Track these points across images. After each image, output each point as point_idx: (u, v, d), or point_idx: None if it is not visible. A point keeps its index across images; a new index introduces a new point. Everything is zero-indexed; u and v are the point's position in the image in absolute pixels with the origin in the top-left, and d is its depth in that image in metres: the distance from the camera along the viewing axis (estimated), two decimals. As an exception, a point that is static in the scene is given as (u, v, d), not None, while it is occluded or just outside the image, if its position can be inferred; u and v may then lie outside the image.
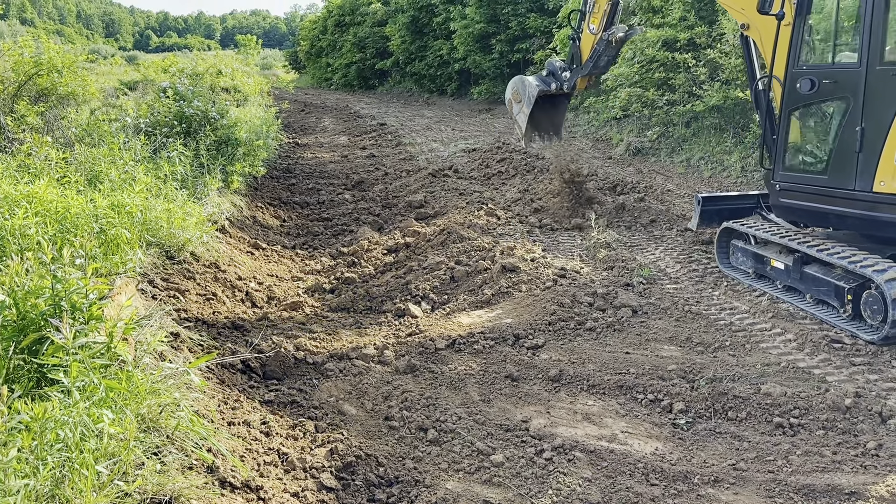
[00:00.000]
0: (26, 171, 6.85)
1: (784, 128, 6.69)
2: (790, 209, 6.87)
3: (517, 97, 9.31)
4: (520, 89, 9.32)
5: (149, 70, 21.69)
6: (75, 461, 2.82)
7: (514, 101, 9.37)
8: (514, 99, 9.37)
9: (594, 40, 8.63)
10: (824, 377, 5.14)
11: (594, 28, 8.56)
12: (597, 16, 8.54)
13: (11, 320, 3.57)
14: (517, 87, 9.40)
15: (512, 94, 9.42)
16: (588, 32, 8.70)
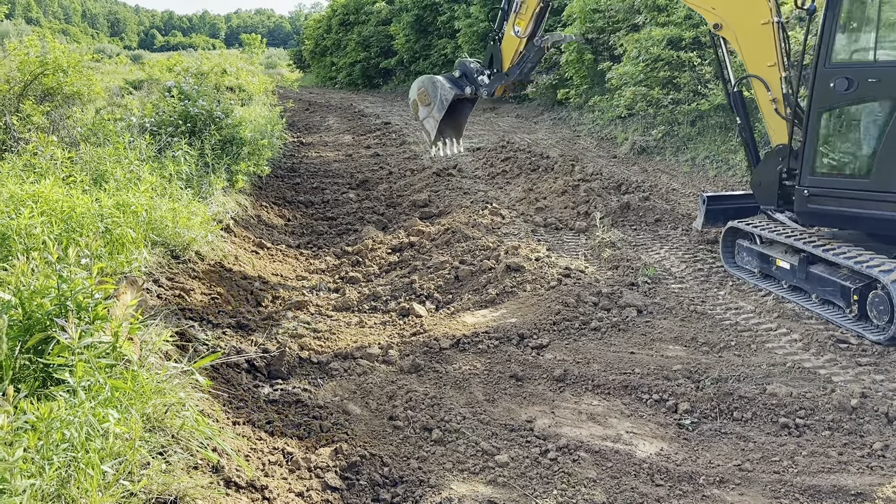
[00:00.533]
0: (32, 170, 6.86)
1: (813, 130, 6.28)
2: (821, 215, 6.46)
3: (425, 99, 8.21)
4: (429, 91, 8.21)
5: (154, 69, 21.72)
6: (81, 461, 2.83)
7: (422, 103, 8.24)
8: (420, 101, 8.26)
9: (519, 44, 7.85)
10: (830, 377, 5.12)
11: (520, 31, 7.72)
12: (524, 17, 7.69)
13: (17, 320, 3.57)
14: (426, 87, 8.26)
15: (418, 94, 8.29)
16: (511, 34, 7.82)
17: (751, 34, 6.52)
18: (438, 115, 8.13)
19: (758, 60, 6.60)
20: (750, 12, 6.46)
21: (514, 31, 7.74)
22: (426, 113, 8.25)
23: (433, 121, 8.19)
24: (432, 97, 8.12)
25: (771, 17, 6.43)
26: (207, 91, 12.33)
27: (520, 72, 8.08)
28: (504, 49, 7.96)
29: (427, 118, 8.26)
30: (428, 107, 8.19)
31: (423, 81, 8.34)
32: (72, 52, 10.95)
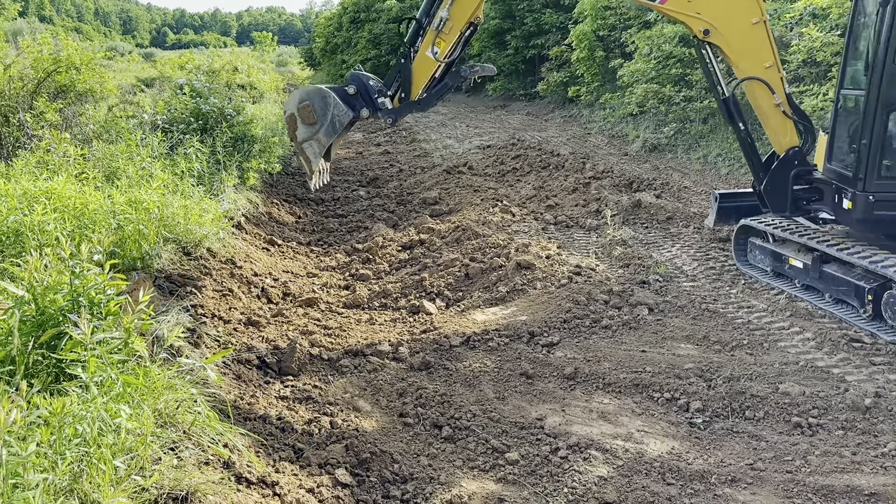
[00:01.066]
0: (45, 167, 6.90)
1: (880, 132, 5.86)
2: (889, 222, 6.04)
3: (309, 116, 6.57)
4: (317, 107, 6.59)
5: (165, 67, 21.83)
6: (93, 456, 2.83)
7: (304, 120, 6.58)
8: (302, 117, 6.59)
9: (436, 68, 6.62)
10: (843, 377, 5.08)
11: (438, 52, 6.49)
12: (447, 38, 6.47)
13: (31, 316, 3.59)
14: (313, 102, 6.61)
15: (300, 109, 6.61)
16: (428, 55, 6.54)
17: (742, 35, 6.20)
18: (326, 139, 6.62)
19: (754, 62, 6.29)
20: (739, 12, 6.14)
21: (431, 51, 6.49)
22: (308, 134, 6.60)
23: (317, 146, 6.62)
24: (320, 116, 6.56)
25: (762, 16, 6.19)
26: (219, 89, 12.37)
27: (432, 101, 6.85)
28: (416, 71, 6.62)
29: (309, 140, 6.61)
30: (312, 126, 6.57)
31: (309, 94, 6.67)
32: (85, 49, 11.00)
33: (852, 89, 6.40)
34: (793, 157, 6.69)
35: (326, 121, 6.51)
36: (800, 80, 11.59)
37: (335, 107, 6.52)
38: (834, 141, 6.57)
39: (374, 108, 6.64)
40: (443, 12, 6.23)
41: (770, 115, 6.57)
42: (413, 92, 6.60)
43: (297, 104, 6.59)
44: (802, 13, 11.84)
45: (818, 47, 10.70)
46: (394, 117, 6.69)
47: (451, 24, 6.33)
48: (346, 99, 6.57)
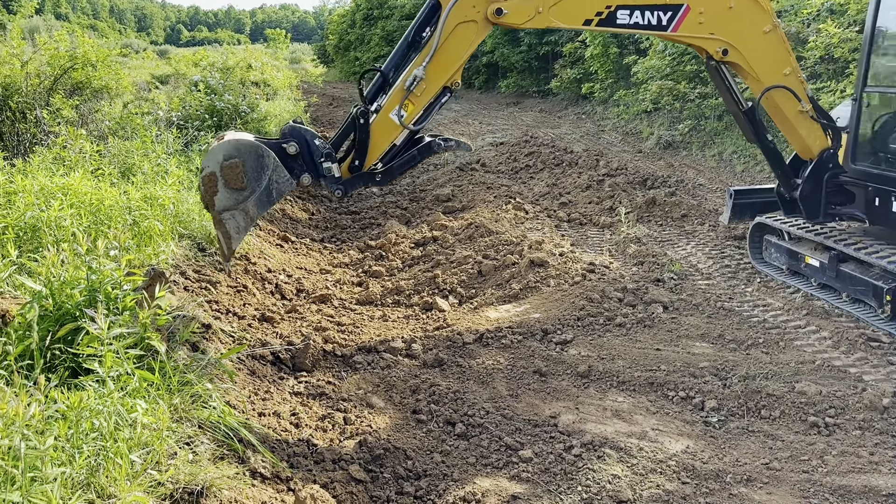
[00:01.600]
0: (61, 163, 6.96)
1: None
2: None
3: (236, 179, 4.94)
4: (250, 169, 4.97)
5: (180, 64, 21.93)
6: (110, 450, 2.86)
7: (230, 183, 4.94)
8: (228, 179, 4.93)
9: (398, 134, 5.43)
10: (861, 376, 5.04)
11: (405, 117, 5.33)
12: (417, 101, 5.35)
13: (48, 310, 3.63)
14: (245, 161, 4.96)
15: (225, 167, 4.92)
16: (391, 118, 5.35)
17: (758, 47, 6.01)
18: (257, 211, 5.05)
19: (773, 71, 6.09)
20: (750, 23, 5.96)
21: (396, 113, 5.34)
22: (231, 201, 4.95)
23: (244, 218, 5.03)
24: (251, 180, 4.97)
25: (773, 22, 6.00)
26: (233, 86, 12.42)
27: (393, 174, 5.62)
28: (374, 135, 5.40)
29: (232, 211, 4.97)
30: (238, 192, 4.94)
31: (239, 149, 4.98)
32: (100, 46, 11.07)
33: (880, 87, 6.31)
34: (827, 160, 6.47)
35: (260, 187, 4.97)
36: (817, 76, 11.48)
37: (275, 171, 5.01)
38: (857, 140, 6.47)
39: (318, 175, 5.31)
40: (418, 70, 5.24)
41: (797, 122, 6.33)
42: (368, 160, 5.42)
43: (222, 161, 4.91)
44: (820, 9, 11.73)
45: (836, 43, 10.60)
46: (343, 189, 5.40)
47: (426, 85, 5.31)
48: (283, 160, 5.14)
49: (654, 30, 5.79)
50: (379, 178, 5.52)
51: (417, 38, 5.43)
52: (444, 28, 5.22)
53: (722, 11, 5.83)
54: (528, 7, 5.40)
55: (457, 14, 5.24)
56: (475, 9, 5.27)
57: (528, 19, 5.44)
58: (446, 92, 5.47)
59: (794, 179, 6.60)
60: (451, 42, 5.30)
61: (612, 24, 5.64)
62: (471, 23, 5.30)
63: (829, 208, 6.58)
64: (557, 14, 5.48)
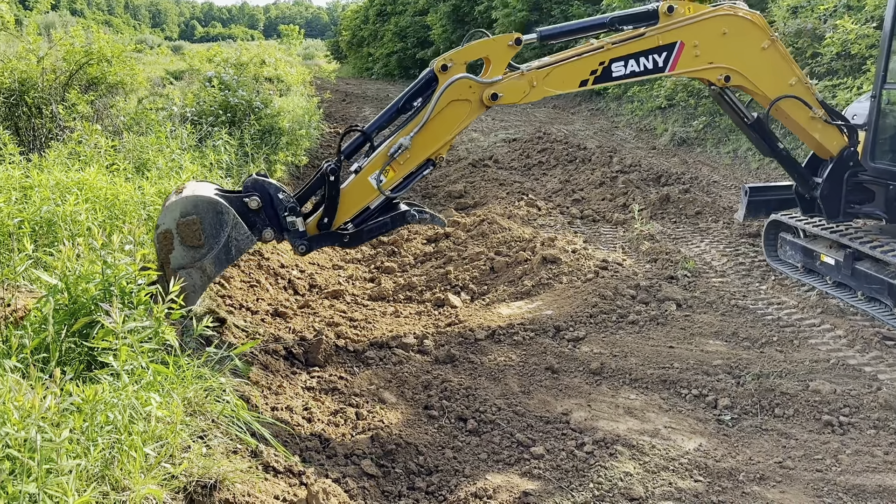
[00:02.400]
0: (77, 158, 7.00)
1: None
2: None
3: (193, 236, 4.71)
4: (208, 226, 4.74)
5: (194, 60, 21.99)
6: (124, 443, 2.88)
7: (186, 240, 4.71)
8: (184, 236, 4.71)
9: (374, 198, 5.37)
10: (876, 375, 4.99)
11: (384, 182, 5.24)
12: (399, 169, 5.30)
13: (64, 304, 3.65)
14: (202, 217, 4.72)
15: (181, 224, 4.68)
16: (370, 181, 5.26)
17: (758, 66, 5.94)
18: (215, 269, 4.81)
19: (777, 85, 6.04)
20: (746, 44, 5.89)
21: (375, 178, 5.24)
22: (188, 259, 4.71)
23: (200, 277, 4.75)
24: (209, 237, 4.74)
25: (769, 37, 5.92)
26: (247, 81, 12.45)
27: (362, 238, 5.48)
28: (349, 195, 5.30)
29: (188, 269, 4.70)
30: (194, 250, 4.71)
31: (197, 206, 4.72)
32: (115, 42, 11.13)
33: None
34: (848, 158, 6.39)
35: (218, 245, 4.73)
36: (833, 73, 11.38)
37: (235, 228, 4.77)
38: (877, 138, 6.40)
39: (281, 229, 5.15)
40: (404, 139, 5.19)
41: (810, 127, 6.28)
42: (338, 219, 5.28)
43: (178, 217, 4.67)
44: (837, 5, 11.62)
45: (853, 39, 10.49)
46: (307, 245, 5.24)
47: (410, 155, 5.25)
48: (245, 215, 4.93)
49: (652, 73, 5.77)
50: (347, 239, 5.39)
51: (408, 105, 5.44)
52: (438, 103, 5.28)
53: (716, 39, 5.78)
54: (522, 85, 5.45)
55: (453, 92, 5.30)
56: (471, 90, 5.33)
57: (523, 96, 5.50)
58: (429, 164, 5.42)
59: (814, 179, 6.54)
60: (442, 117, 5.34)
61: (608, 78, 5.63)
62: (465, 101, 5.36)
63: (849, 207, 6.52)
64: (552, 83, 5.49)
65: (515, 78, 5.43)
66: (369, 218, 5.43)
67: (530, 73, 5.42)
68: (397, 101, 5.48)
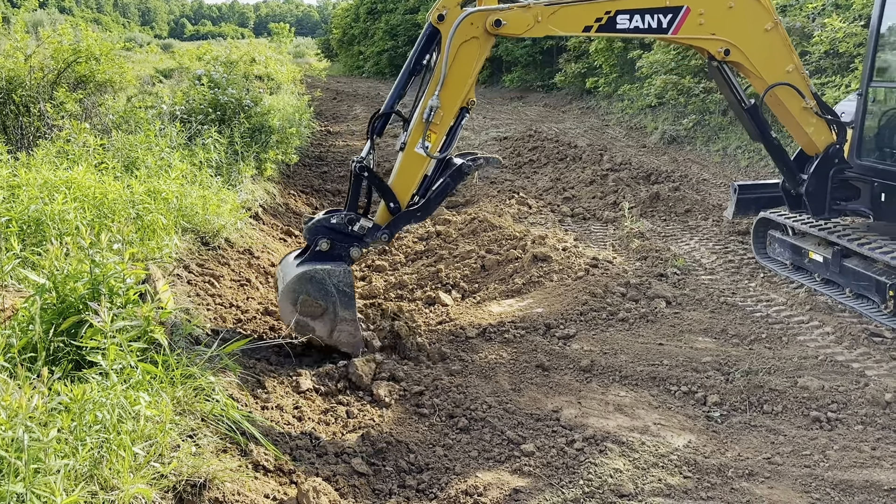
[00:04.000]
0: (65, 157, 6.96)
1: None
2: None
3: (314, 309, 5.15)
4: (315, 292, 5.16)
5: (184, 58, 21.90)
6: (113, 442, 2.87)
7: (313, 316, 5.16)
8: (310, 314, 5.16)
9: (427, 165, 5.50)
10: (863, 371, 5.03)
11: (430, 147, 5.35)
12: (438, 130, 5.35)
13: (52, 303, 3.64)
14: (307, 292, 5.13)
15: (302, 309, 5.14)
16: (416, 152, 5.38)
17: (760, 45, 5.97)
18: (351, 312, 5.18)
19: (775, 69, 6.06)
20: (751, 22, 5.93)
21: (421, 146, 5.36)
22: (329, 323, 5.16)
23: (349, 324, 5.19)
24: (324, 298, 5.14)
25: (773, 19, 6.00)
26: (236, 80, 12.40)
27: (431, 206, 5.58)
28: (403, 172, 5.50)
29: (335, 330, 5.17)
30: (325, 314, 5.14)
31: (294, 289, 5.12)
32: (104, 40, 11.06)
33: (886, 83, 6.29)
34: (833, 155, 6.41)
35: (334, 297, 5.14)
36: (822, 71, 11.44)
37: (331, 276, 5.15)
38: (863, 135, 6.44)
39: (360, 239, 5.36)
40: (432, 100, 5.25)
41: (802, 118, 6.29)
42: (403, 198, 5.46)
43: (294, 307, 5.11)
44: (825, 3, 11.68)
45: (840, 38, 10.55)
46: (387, 233, 5.45)
47: (443, 112, 5.32)
48: (329, 258, 5.26)
49: (654, 33, 5.80)
50: (419, 213, 5.57)
51: (419, 65, 5.48)
52: (450, 52, 5.28)
53: (722, 11, 5.81)
54: (527, 17, 5.41)
55: (459, 36, 5.29)
56: (474, 25, 5.29)
57: (527, 28, 5.46)
58: (464, 112, 5.50)
59: (800, 175, 6.56)
60: (457, 64, 5.35)
61: (612, 29, 5.64)
62: (472, 40, 5.34)
63: (835, 204, 6.55)
64: (556, 22, 5.47)
65: (521, 9, 5.42)
66: (431, 184, 5.57)
67: (537, 6, 5.41)
68: (407, 65, 5.50)
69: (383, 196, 5.49)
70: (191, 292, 5.55)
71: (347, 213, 5.38)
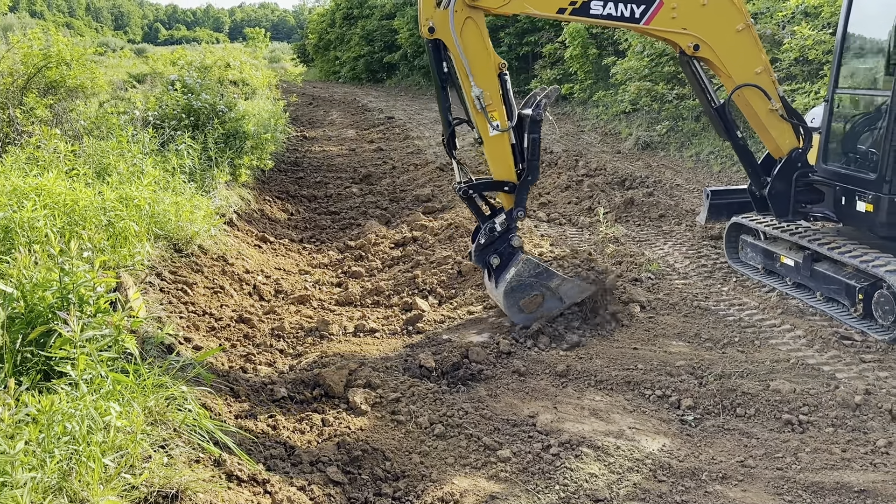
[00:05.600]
0: (35, 163, 6.86)
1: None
2: None
3: (535, 302, 5.99)
4: (527, 289, 5.99)
5: (157, 63, 21.69)
6: (82, 454, 2.82)
7: (534, 308, 6.00)
8: (532, 307, 6.00)
9: (507, 140, 5.98)
10: (834, 374, 5.10)
11: (499, 124, 5.84)
12: (496, 105, 5.83)
13: (20, 313, 3.57)
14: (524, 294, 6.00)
15: (527, 305, 6.00)
16: (493, 134, 5.88)
17: (730, 45, 6.08)
18: (555, 279, 6.00)
19: (744, 70, 6.17)
20: (723, 22, 6.03)
21: (493, 130, 5.85)
22: (556, 300, 6.00)
23: (563, 285, 6.02)
24: (534, 290, 5.95)
25: (745, 21, 6.11)
26: (211, 85, 12.32)
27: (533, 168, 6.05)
28: (496, 158, 5.99)
29: (562, 297, 6.02)
30: (546, 298, 5.99)
31: (510, 304, 5.96)
32: (75, 45, 10.92)
33: (850, 89, 6.41)
34: (796, 159, 6.53)
35: (536, 281, 5.92)
36: (792, 78, 11.62)
37: (520, 274, 5.91)
38: (829, 141, 6.56)
39: (509, 231, 6.05)
40: (473, 90, 5.76)
41: (768, 121, 6.40)
42: (510, 176, 5.99)
43: (527, 314, 5.93)
44: (794, 11, 11.87)
45: (810, 45, 10.74)
46: (521, 209, 6.07)
47: (488, 90, 5.79)
48: (506, 265, 6.02)
49: (627, 21, 5.95)
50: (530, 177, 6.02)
51: (444, 76, 5.88)
52: (459, 44, 5.59)
53: (695, 8, 5.94)
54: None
55: (457, 24, 5.57)
56: (460, 9, 5.53)
57: (503, 4, 5.66)
58: (503, 76, 5.92)
59: (765, 177, 6.68)
60: (470, 49, 5.66)
61: (585, 13, 5.78)
62: (468, 21, 5.61)
63: (801, 207, 6.67)
64: (532, 0, 5.63)
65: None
66: (514, 150, 6.03)
67: None
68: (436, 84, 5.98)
69: (497, 188, 6.04)
70: (163, 300, 5.49)
71: (484, 225, 6.05)
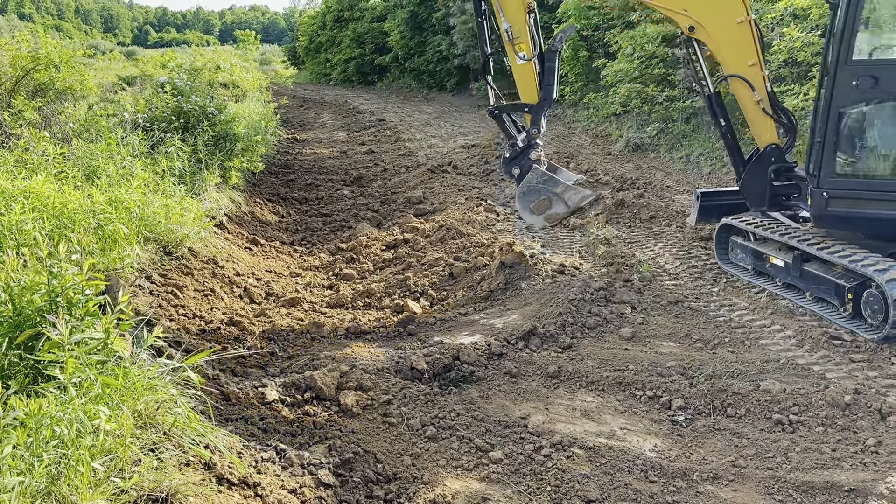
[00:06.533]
0: (24, 166, 6.82)
1: (833, 129, 5.94)
2: (844, 218, 6.14)
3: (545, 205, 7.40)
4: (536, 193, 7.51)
5: (147, 65, 21.58)
6: (71, 458, 2.80)
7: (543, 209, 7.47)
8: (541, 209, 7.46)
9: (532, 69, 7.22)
10: (824, 374, 5.13)
11: (525, 55, 7.07)
12: (523, 37, 6.97)
13: (7, 316, 3.54)
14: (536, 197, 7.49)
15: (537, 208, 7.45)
16: (520, 63, 7.14)
17: (727, 34, 6.28)
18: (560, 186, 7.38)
19: (738, 60, 6.36)
20: (724, 11, 6.21)
21: (520, 58, 7.05)
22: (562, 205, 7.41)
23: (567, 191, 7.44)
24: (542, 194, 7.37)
25: (747, 15, 6.26)
26: (201, 87, 12.28)
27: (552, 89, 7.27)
28: (523, 80, 7.26)
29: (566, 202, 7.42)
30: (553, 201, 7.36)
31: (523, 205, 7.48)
32: (64, 47, 10.87)
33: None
34: (770, 154, 6.81)
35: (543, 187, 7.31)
36: (781, 79, 11.68)
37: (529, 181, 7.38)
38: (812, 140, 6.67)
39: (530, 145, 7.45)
40: (504, 24, 6.76)
41: (749, 113, 6.67)
42: (532, 97, 7.25)
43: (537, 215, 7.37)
44: (783, 14, 11.94)
45: (799, 47, 10.79)
46: (536, 127, 7.37)
47: (516, 24, 6.82)
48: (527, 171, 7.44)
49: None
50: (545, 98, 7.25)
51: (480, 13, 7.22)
52: None
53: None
54: None
55: None
56: None
57: None
58: (531, 14, 6.94)
59: (741, 168, 6.96)
60: None
61: None
62: None
63: (780, 199, 6.90)
64: None
65: None
66: (542, 77, 7.20)
67: None
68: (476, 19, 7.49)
69: (518, 109, 7.43)
70: (153, 303, 5.47)
71: (508, 142, 7.54)
